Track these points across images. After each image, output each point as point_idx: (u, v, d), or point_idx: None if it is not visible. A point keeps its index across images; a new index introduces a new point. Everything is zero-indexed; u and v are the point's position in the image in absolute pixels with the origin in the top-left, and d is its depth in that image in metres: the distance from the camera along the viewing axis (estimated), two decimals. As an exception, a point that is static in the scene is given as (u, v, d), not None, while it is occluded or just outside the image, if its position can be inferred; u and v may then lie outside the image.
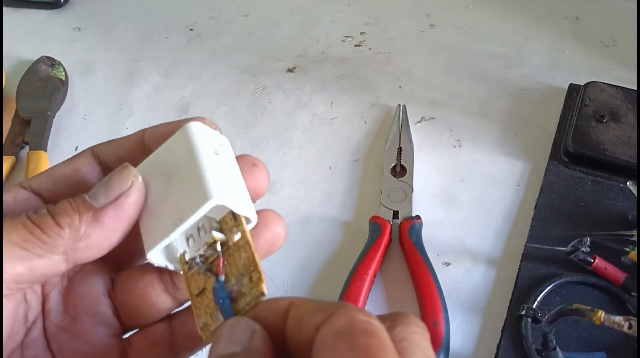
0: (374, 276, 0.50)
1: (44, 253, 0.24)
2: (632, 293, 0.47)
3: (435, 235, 0.53)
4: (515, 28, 0.69)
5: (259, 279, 0.24)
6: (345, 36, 0.70)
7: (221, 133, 0.28)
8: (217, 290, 0.24)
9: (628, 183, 0.52)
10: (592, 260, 0.47)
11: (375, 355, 0.19)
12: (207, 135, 0.26)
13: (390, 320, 0.23)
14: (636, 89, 0.58)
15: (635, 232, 0.49)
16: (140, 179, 0.26)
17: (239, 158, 0.28)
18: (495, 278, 0.51)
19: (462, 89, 0.64)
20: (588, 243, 0.47)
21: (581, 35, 0.68)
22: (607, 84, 0.59)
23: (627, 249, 0.48)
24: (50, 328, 0.27)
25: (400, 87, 0.65)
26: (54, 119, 0.63)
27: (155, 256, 0.25)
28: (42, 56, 0.67)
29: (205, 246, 0.25)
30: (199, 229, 0.26)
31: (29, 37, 0.72)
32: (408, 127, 0.60)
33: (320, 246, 0.54)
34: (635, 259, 0.47)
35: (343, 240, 0.54)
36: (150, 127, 0.28)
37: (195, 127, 0.26)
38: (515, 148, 0.59)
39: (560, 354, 0.43)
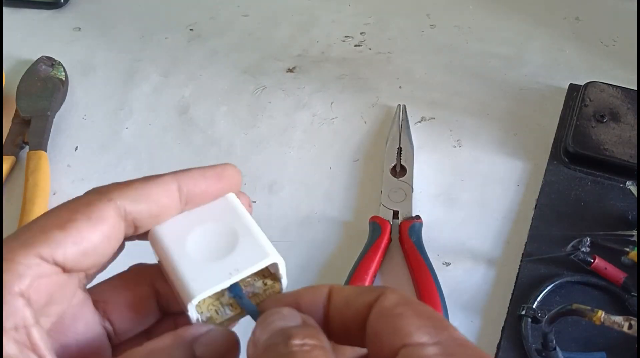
0: (374, 276, 0.50)
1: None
2: (632, 293, 0.47)
3: (435, 235, 0.53)
4: (515, 28, 0.69)
5: (275, 281, 0.26)
6: (345, 36, 0.70)
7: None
8: (234, 287, 0.25)
9: (628, 183, 0.52)
10: (592, 260, 0.47)
11: (438, 317, 0.22)
12: (243, 206, 0.28)
13: None
14: (636, 89, 0.58)
15: (635, 232, 0.49)
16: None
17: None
18: (495, 278, 0.51)
19: (462, 89, 0.64)
20: (588, 243, 0.47)
21: (581, 35, 0.68)
22: (607, 84, 0.59)
23: (627, 249, 0.48)
24: None
25: (400, 87, 0.65)
26: (54, 119, 0.63)
27: (194, 305, 0.25)
28: (42, 56, 0.67)
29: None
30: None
31: (29, 37, 0.72)
32: (408, 127, 0.60)
33: (320, 246, 0.54)
34: (635, 259, 0.47)
35: (343, 240, 0.54)
36: (184, 178, 0.25)
37: (234, 197, 0.27)
38: (515, 148, 0.59)
39: (560, 354, 0.43)
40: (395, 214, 0.53)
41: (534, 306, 0.47)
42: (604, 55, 0.66)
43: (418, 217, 0.53)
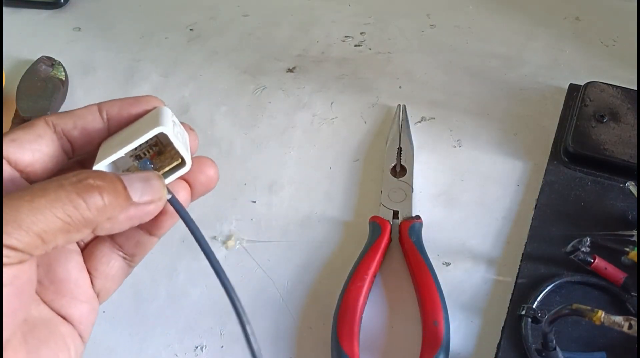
0: (374, 276, 0.50)
1: (81, 227, 0.25)
2: (632, 293, 0.47)
3: (435, 235, 0.53)
4: (515, 28, 0.69)
5: (177, 153, 0.29)
6: (345, 36, 0.70)
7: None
8: (142, 162, 0.29)
9: (628, 183, 0.52)
10: (592, 260, 0.47)
11: None
12: (173, 117, 0.31)
13: None
14: (636, 89, 0.58)
15: (635, 232, 0.49)
16: (166, 196, 0.28)
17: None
18: (495, 278, 0.51)
19: (462, 89, 0.64)
20: (588, 243, 0.47)
21: (581, 35, 0.68)
22: (607, 84, 0.59)
23: (627, 249, 0.48)
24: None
25: (400, 87, 0.65)
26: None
27: (99, 169, 0.28)
28: (42, 56, 0.67)
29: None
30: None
31: (29, 37, 0.72)
32: (408, 127, 0.60)
33: (320, 246, 0.54)
34: (635, 259, 0.47)
35: (343, 240, 0.54)
36: (104, 102, 0.30)
37: (166, 109, 0.31)
38: (515, 148, 0.59)
39: (560, 354, 0.43)
40: (395, 214, 0.53)
41: (534, 306, 0.47)
42: (604, 55, 0.66)
43: (418, 217, 0.53)
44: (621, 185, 0.53)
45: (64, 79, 0.66)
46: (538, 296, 0.48)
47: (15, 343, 0.26)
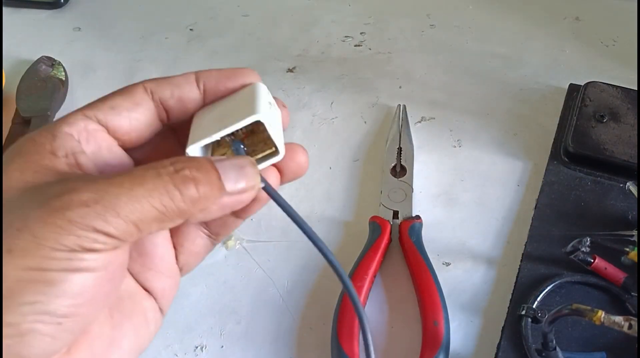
0: (374, 276, 0.50)
1: (175, 217, 0.25)
2: (632, 293, 0.47)
3: (435, 235, 0.53)
4: (515, 28, 0.69)
5: (271, 142, 0.28)
6: (345, 36, 0.70)
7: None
8: (235, 143, 0.28)
9: (628, 183, 0.52)
10: (592, 260, 0.47)
11: None
12: (269, 94, 0.30)
13: None
14: (636, 89, 0.58)
15: (635, 232, 0.49)
16: (260, 184, 0.28)
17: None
18: (495, 278, 0.51)
19: (462, 89, 0.64)
20: (588, 243, 0.47)
21: (581, 35, 0.68)
22: (607, 84, 0.59)
23: (627, 249, 0.48)
24: None
25: (400, 87, 0.65)
26: (54, 119, 0.63)
27: (193, 151, 0.28)
28: (42, 56, 0.67)
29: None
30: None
31: (29, 37, 0.72)
32: (408, 127, 0.60)
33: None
34: (635, 259, 0.47)
35: (343, 240, 0.54)
36: (202, 72, 0.30)
37: (262, 87, 0.30)
38: (515, 148, 0.59)
39: (560, 354, 0.43)
40: (395, 214, 0.53)
41: (534, 306, 0.47)
42: (604, 55, 0.66)
43: (418, 217, 0.53)
44: (621, 185, 0.53)
45: (64, 79, 0.66)
46: (538, 296, 0.48)
47: (101, 318, 0.27)
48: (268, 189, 0.28)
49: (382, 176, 0.56)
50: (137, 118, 0.28)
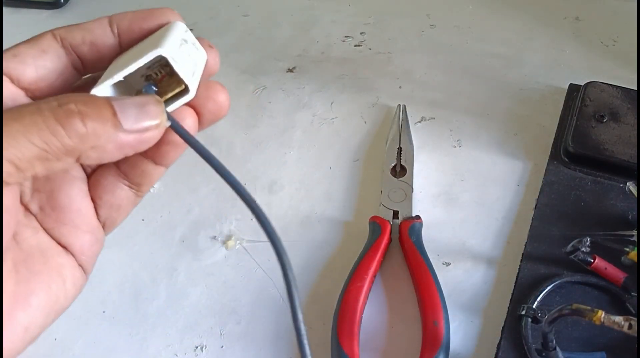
0: (374, 276, 0.50)
1: (62, 156, 0.23)
2: (632, 293, 0.47)
3: (435, 235, 0.53)
4: (515, 28, 0.69)
5: (180, 79, 0.27)
6: (345, 36, 0.70)
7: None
8: (146, 86, 0.27)
9: (628, 183, 0.52)
10: (592, 260, 0.47)
11: None
12: (187, 33, 0.28)
13: None
14: (636, 89, 0.58)
15: (635, 232, 0.49)
16: (165, 123, 0.26)
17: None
18: (495, 278, 0.51)
19: (462, 89, 0.64)
20: (588, 243, 0.47)
21: (581, 35, 0.68)
22: (607, 84, 0.59)
23: (627, 249, 0.48)
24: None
25: (400, 87, 0.65)
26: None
27: (99, 93, 0.26)
28: (42, 56, 0.67)
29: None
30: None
31: (29, 37, 0.72)
32: (408, 127, 0.60)
33: (320, 246, 0.54)
34: (635, 259, 0.47)
35: (343, 240, 0.54)
36: (115, 15, 0.28)
37: (179, 24, 0.28)
38: (515, 148, 0.59)
39: (560, 354, 0.43)
40: (395, 214, 0.53)
41: (534, 306, 0.47)
42: (604, 55, 0.66)
43: (418, 217, 0.53)
44: (621, 185, 0.53)
45: (64, 79, 0.66)
46: (538, 296, 0.48)
47: (5, 271, 0.25)
48: (176, 127, 0.26)
49: (382, 176, 0.56)
50: (44, 66, 0.27)
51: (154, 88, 0.27)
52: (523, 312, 0.46)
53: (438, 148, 0.59)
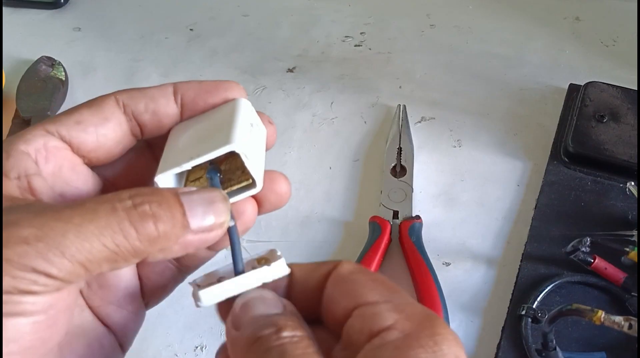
0: (374, 276, 0.50)
1: (130, 257, 0.22)
2: (632, 293, 0.47)
3: (435, 235, 0.53)
4: (515, 28, 0.69)
5: (248, 173, 0.26)
6: (345, 36, 0.70)
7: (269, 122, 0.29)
8: (210, 171, 0.26)
9: (628, 184, 0.52)
10: (592, 260, 0.47)
11: (390, 283, 0.23)
12: (252, 112, 0.28)
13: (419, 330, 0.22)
14: (636, 89, 0.58)
15: (635, 232, 0.49)
16: (229, 222, 0.25)
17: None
18: (495, 278, 0.51)
19: (462, 89, 0.64)
20: (588, 243, 0.47)
21: (581, 35, 0.68)
22: (607, 84, 0.59)
23: (627, 249, 0.48)
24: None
25: (400, 87, 0.65)
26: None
27: (163, 180, 0.26)
28: (42, 56, 0.67)
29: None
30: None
31: (29, 37, 0.72)
32: (408, 127, 0.60)
33: (320, 246, 0.54)
34: (635, 259, 0.47)
35: (343, 240, 0.54)
36: (180, 84, 0.27)
37: (245, 104, 0.27)
38: (515, 148, 0.59)
39: (560, 354, 0.43)
40: (395, 215, 0.53)
41: (534, 306, 0.47)
42: (604, 55, 0.66)
43: (418, 217, 0.53)
44: (621, 185, 0.53)
45: (64, 79, 0.66)
46: (538, 296, 0.48)
47: (47, 350, 0.23)
48: (232, 231, 0.25)
49: (382, 176, 0.56)
50: (105, 134, 0.26)
51: (219, 176, 0.26)
52: (523, 312, 0.46)
53: (438, 148, 0.59)
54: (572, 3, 0.71)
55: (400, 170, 0.57)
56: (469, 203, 0.55)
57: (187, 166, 0.25)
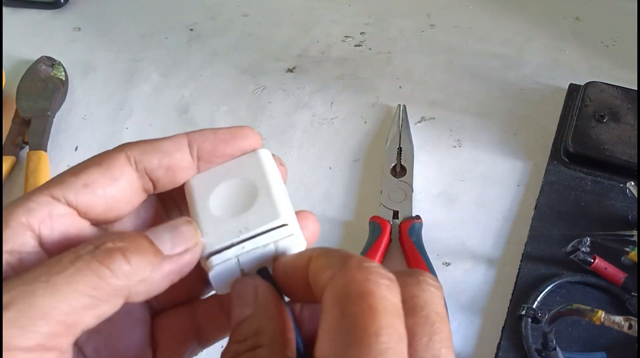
0: (374, 276, 0.50)
1: (111, 298, 0.21)
2: (632, 293, 0.47)
3: (435, 235, 0.53)
4: (515, 28, 0.69)
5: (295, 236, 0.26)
6: (345, 36, 0.70)
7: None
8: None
9: (628, 184, 0.52)
10: (592, 260, 0.47)
11: (365, 321, 0.19)
12: (273, 163, 0.28)
13: (404, 276, 0.22)
14: (636, 89, 0.58)
15: (635, 232, 0.49)
16: (202, 241, 0.24)
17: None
18: (495, 278, 0.51)
19: (462, 89, 0.64)
20: (588, 243, 0.47)
21: (581, 35, 0.68)
22: (607, 84, 0.59)
23: (627, 249, 0.48)
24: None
25: (400, 87, 0.65)
26: (54, 119, 0.63)
27: (218, 259, 0.25)
28: (42, 56, 0.67)
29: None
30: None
31: (29, 37, 0.72)
32: (408, 127, 0.60)
33: (320, 246, 0.54)
34: (635, 259, 0.47)
35: (343, 240, 0.54)
36: (195, 134, 0.26)
37: (266, 155, 0.27)
38: (515, 148, 0.59)
39: (560, 354, 0.43)
40: (395, 214, 0.53)
41: (534, 306, 0.47)
42: (604, 55, 0.66)
43: (418, 217, 0.53)
44: (621, 185, 0.53)
45: (64, 79, 0.66)
46: (538, 296, 0.48)
47: None
48: (264, 274, 0.25)
49: (382, 176, 0.56)
50: (115, 196, 0.24)
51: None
52: (523, 312, 0.46)
53: (438, 148, 0.59)
54: (572, 3, 0.71)
55: (400, 170, 0.57)
56: (469, 203, 0.55)
57: (237, 241, 0.25)
